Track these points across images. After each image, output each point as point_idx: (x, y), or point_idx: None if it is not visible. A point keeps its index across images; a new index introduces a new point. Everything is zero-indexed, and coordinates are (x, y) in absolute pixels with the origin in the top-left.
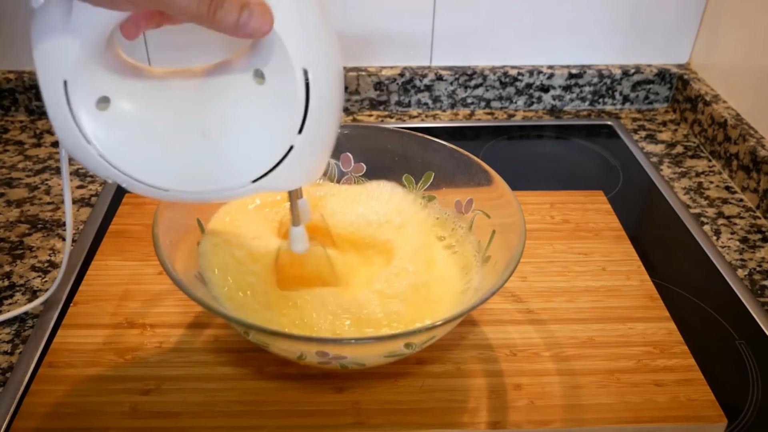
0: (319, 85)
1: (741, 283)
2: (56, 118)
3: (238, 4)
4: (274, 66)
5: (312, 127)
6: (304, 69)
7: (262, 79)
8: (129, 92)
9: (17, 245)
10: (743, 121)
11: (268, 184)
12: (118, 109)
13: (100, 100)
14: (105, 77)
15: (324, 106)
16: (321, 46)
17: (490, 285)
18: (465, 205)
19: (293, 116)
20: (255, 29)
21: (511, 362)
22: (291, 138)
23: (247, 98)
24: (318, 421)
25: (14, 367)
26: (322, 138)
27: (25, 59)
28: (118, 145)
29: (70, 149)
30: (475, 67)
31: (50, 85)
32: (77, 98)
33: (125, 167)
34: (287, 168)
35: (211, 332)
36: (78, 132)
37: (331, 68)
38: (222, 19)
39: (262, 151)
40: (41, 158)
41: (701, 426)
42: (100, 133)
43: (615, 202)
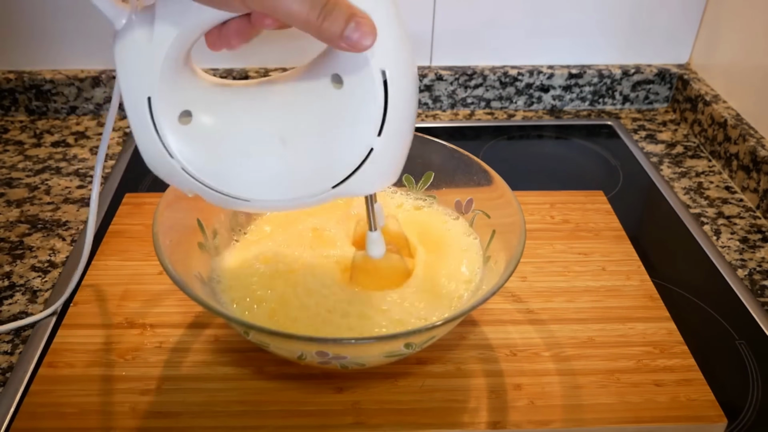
0: (397, 85)
1: (741, 283)
2: (141, 135)
3: (346, 16)
4: (352, 68)
5: (391, 128)
6: (381, 70)
7: (339, 84)
8: (208, 104)
9: (17, 245)
10: (743, 121)
11: (348, 188)
12: (199, 123)
13: (182, 114)
14: (185, 91)
15: (401, 107)
16: (397, 46)
17: (490, 285)
18: (465, 205)
19: (372, 118)
20: (357, 42)
21: (511, 362)
22: (371, 140)
23: (326, 103)
24: (318, 421)
25: (14, 367)
26: (401, 139)
27: (25, 59)
28: (200, 157)
29: (153, 165)
30: (475, 67)
31: (134, 104)
32: (161, 114)
33: (208, 179)
34: (367, 171)
35: (211, 332)
36: (162, 147)
37: (407, 68)
38: (328, 28)
39: (342, 156)
40: (41, 158)
41: (701, 426)
42: (184, 147)
43: (615, 202)
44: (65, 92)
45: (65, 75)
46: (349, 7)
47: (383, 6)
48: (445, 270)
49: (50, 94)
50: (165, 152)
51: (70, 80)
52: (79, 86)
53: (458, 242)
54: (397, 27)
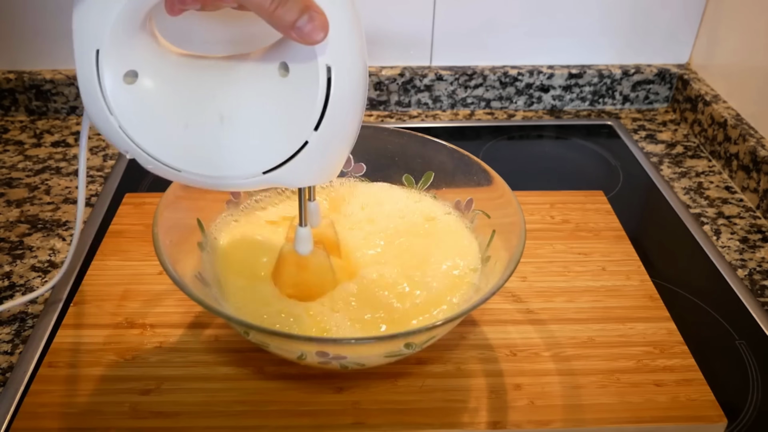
0: (341, 83)
1: (741, 283)
2: (84, 86)
3: (300, 7)
4: (299, 59)
5: (329, 124)
6: (327, 66)
7: (286, 72)
8: (157, 69)
9: (17, 245)
10: (743, 121)
11: (278, 177)
12: (143, 85)
13: (128, 74)
14: (136, 52)
15: (344, 105)
16: (348, 44)
17: (490, 285)
18: (465, 205)
19: (311, 111)
20: (308, 35)
21: (511, 362)
22: (306, 133)
23: (269, 89)
24: (318, 421)
25: (14, 367)
26: (339, 138)
27: (25, 59)
28: (139, 119)
29: (94, 118)
30: (475, 67)
31: (83, 53)
32: (106, 68)
33: (142, 142)
34: (299, 164)
35: (211, 332)
36: (103, 102)
37: (355, 68)
38: (281, 16)
39: (276, 143)
40: (41, 158)
41: (701, 426)
42: (124, 105)
43: (615, 202)
44: (65, 92)
45: (65, 75)
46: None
47: (340, 4)
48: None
49: (50, 94)
50: (105, 107)
51: (70, 80)
52: None
53: (458, 242)
54: (351, 27)
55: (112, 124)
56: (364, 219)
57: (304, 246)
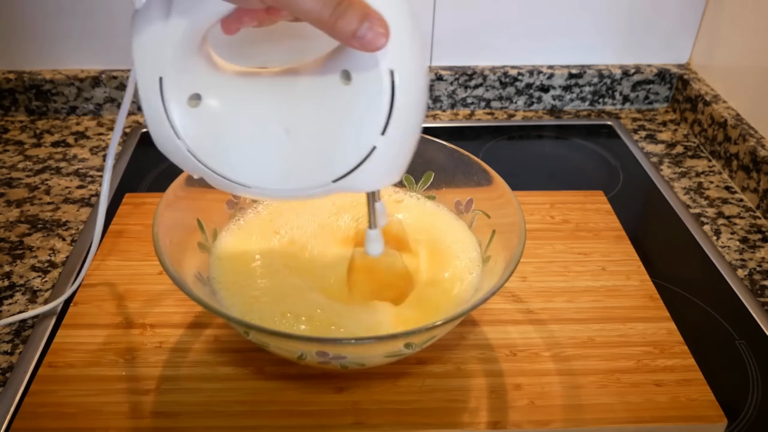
0: (405, 86)
1: (741, 283)
2: (151, 115)
3: (360, 16)
4: (362, 66)
5: (395, 128)
6: (390, 70)
7: (348, 80)
8: (218, 90)
9: (17, 245)
10: (743, 121)
11: (348, 184)
12: (208, 106)
13: (191, 97)
14: (197, 75)
15: (408, 108)
16: (408, 48)
17: (490, 285)
18: (465, 205)
19: (377, 117)
20: (369, 42)
21: (511, 362)
22: (374, 139)
23: (333, 98)
24: (318, 421)
25: (14, 367)
26: (405, 140)
27: (25, 59)
28: (206, 141)
29: (160, 144)
30: (475, 67)
31: (146, 82)
32: (171, 95)
33: (211, 163)
34: (368, 169)
35: (211, 332)
36: (170, 127)
37: (417, 71)
38: (341, 27)
39: (344, 151)
40: (41, 158)
41: (701, 426)
42: (190, 129)
43: (615, 202)
44: (65, 92)
45: (65, 75)
46: (363, 7)
47: (398, 7)
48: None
49: (50, 94)
50: (172, 132)
51: (70, 80)
52: (79, 86)
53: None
54: (410, 29)
55: (181, 148)
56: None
57: (376, 247)
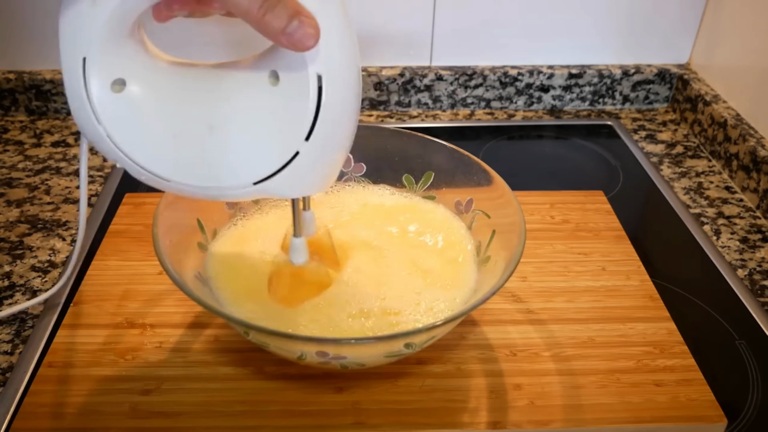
0: (333, 92)
1: (741, 283)
2: (72, 95)
3: (290, 13)
4: (290, 68)
5: (321, 135)
6: (318, 74)
7: (276, 81)
8: (145, 77)
9: (17, 245)
10: (743, 121)
11: (269, 188)
12: (131, 93)
13: (115, 82)
14: (124, 60)
15: (336, 115)
16: (340, 52)
17: (490, 285)
18: (465, 205)
19: (302, 121)
20: (298, 41)
21: (511, 362)
22: (297, 144)
23: (259, 98)
24: (318, 421)
25: (14, 367)
26: (332, 148)
27: (25, 59)
28: (127, 128)
29: (81, 127)
30: (475, 67)
31: (70, 62)
32: (94, 77)
33: (131, 152)
34: (290, 174)
35: (211, 332)
36: (90, 110)
37: (347, 77)
38: (269, 22)
39: (266, 154)
40: (41, 158)
41: (701, 426)
42: (111, 114)
43: (615, 202)
44: (65, 92)
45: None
46: (294, 5)
47: (331, 9)
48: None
49: (50, 94)
50: (93, 116)
51: None
52: None
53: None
54: (343, 33)
55: (100, 133)
56: (361, 222)
57: (299, 256)
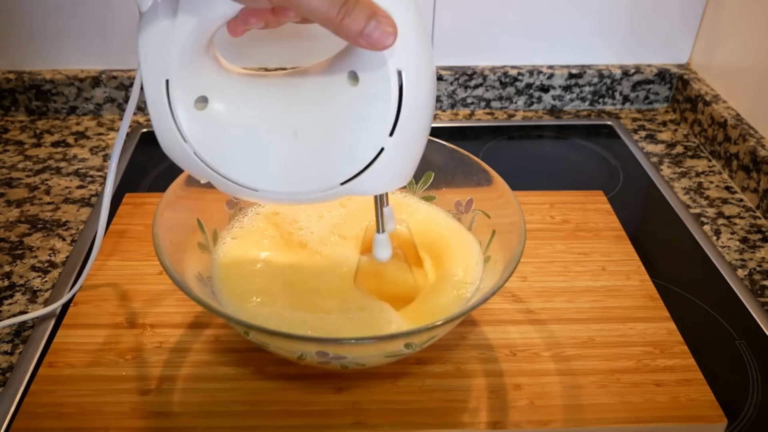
0: (413, 87)
1: (741, 283)
2: (157, 117)
3: (367, 14)
4: (369, 67)
5: (403, 129)
6: (398, 70)
7: (356, 81)
8: (225, 92)
9: (17, 245)
10: (743, 121)
11: (356, 187)
12: (214, 109)
13: (198, 100)
14: (204, 77)
15: (416, 109)
16: (416, 47)
17: (490, 285)
18: (465, 205)
19: (385, 118)
20: (377, 41)
21: (511, 362)
22: (382, 140)
23: (340, 99)
24: (318, 421)
25: (14, 367)
26: (413, 142)
27: (25, 59)
28: (213, 144)
29: (167, 147)
30: (475, 67)
31: (153, 85)
32: (177, 97)
33: (218, 166)
34: (377, 171)
35: (211, 332)
36: (176, 130)
37: (425, 71)
38: (348, 25)
39: (352, 153)
40: (41, 158)
41: (701, 426)
42: (197, 131)
43: (615, 202)
44: (65, 92)
45: (65, 75)
46: (370, 5)
47: (405, 6)
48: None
49: (50, 94)
50: (179, 135)
51: (70, 80)
52: (79, 86)
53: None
54: (418, 28)
55: (187, 151)
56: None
57: (384, 252)
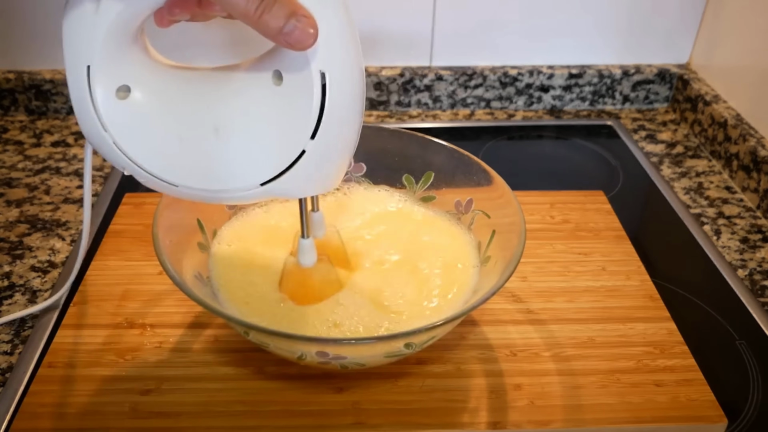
0: (337, 89)
1: (741, 283)
2: (77, 103)
3: (287, 12)
4: (292, 66)
5: (326, 132)
6: (321, 72)
7: (279, 80)
8: (149, 83)
9: (17, 245)
10: (743, 121)
11: (277, 189)
12: (136, 99)
13: (120, 89)
14: (128, 67)
15: (340, 112)
16: (341, 49)
17: (490, 285)
18: (465, 205)
19: (307, 119)
20: (296, 41)
21: (511, 362)
22: (303, 142)
23: (263, 98)
24: (318, 421)
25: (14, 367)
26: (338, 146)
27: (25, 59)
28: (133, 135)
29: (88, 135)
30: (475, 67)
31: (74, 70)
32: (98, 84)
33: (138, 158)
34: (297, 174)
35: (211, 332)
36: (96, 118)
37: (350, 73)
38: (267, 22)
39: (272, 154)
40: (41, 158)
41: (701, 426)
42: (117, 121)
43: (615, 202)
44: (65, 92)
45: (65, 75)
46: (291, 4)
47: (331, 6)
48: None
49: (50, 94)
50: (99, 124)
51: None
52: None
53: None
54: (344, 29)
55: (107, 140)
56: (362, 225)
57: (308, 258)
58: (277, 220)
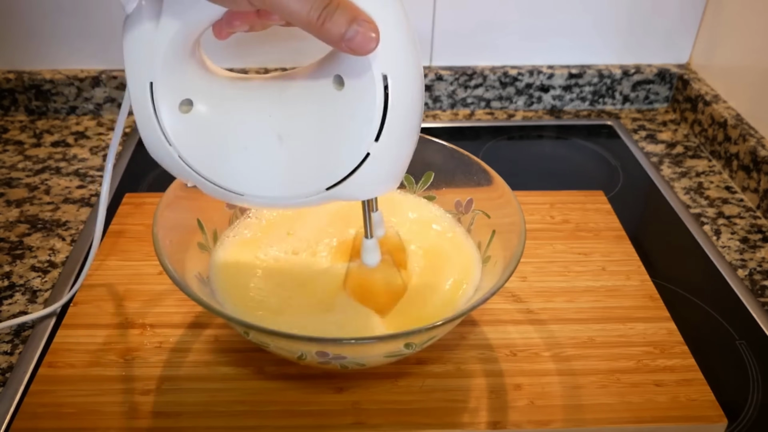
0: (399, 91)
1: (741, 283)
2: (142, 120)
3: (348, 18)
4: (354, 71)
5: (389, 134)
6: (383, 74)
7: (341, 85)
8: (210, 95)
9: (17, 245)
10: (743, 121)
11: (343, 192)
12: (199, 112)
13: (183, 103)
14: (189, 80)
15: (402, 114)
16: (402, 51)
17: (490, 285)
18: (465, 205)
19: (370, 123)
20: (359, 46)
21: (511, 362)
22: (367, 145)
23: (326, 104)
24: (318, 421)
25: (14, 367)
26: (400, 147)
27: (25, 59)
28: (198, 147)
29: (152, 150)
30: (475, 67)
31: (137, 87)
32: (162, 100)
33: (203, 170)
34: (362, 176)
35: (211, 332)
36: (161, 133)
37: (411, 75)
38: (329, 29)
39: (337, 158)
40: (41, 158)
41: (701, 426)
42: (182, 135)
43: (615, 202)
44: (65, 92)
45: (65, 75)
46: (352, 9)
47: (390, 9)
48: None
49: (50, 94)
50: (163, 139)
51: (70, 80)
52: (79, 86)
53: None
54: (403, 32)
55: (172, 154)
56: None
57: (372, 257)
58: (277, 220)
